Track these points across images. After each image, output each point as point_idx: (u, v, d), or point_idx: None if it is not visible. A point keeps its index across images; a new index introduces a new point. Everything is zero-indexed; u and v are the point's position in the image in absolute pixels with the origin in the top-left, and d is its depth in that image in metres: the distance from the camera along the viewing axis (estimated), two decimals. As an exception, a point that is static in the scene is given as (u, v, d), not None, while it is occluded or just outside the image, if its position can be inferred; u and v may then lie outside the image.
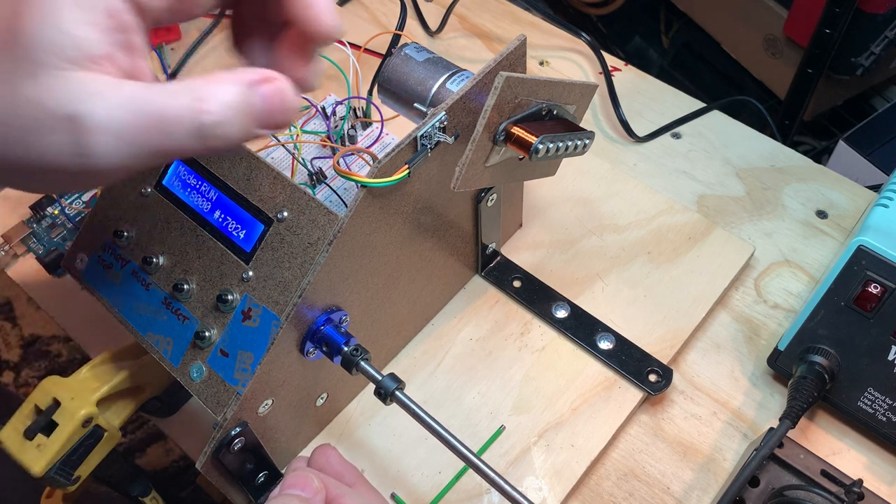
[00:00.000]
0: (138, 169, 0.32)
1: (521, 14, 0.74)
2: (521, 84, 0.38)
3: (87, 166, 0.28)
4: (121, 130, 0.28)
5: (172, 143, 0.29)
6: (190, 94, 0.29)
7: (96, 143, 0.28)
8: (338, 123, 0.59)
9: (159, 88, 0.29)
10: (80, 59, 0.28)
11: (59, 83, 0.28)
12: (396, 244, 0.43)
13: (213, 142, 0.29)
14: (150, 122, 0.28)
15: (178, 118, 0.29)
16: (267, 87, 0.30)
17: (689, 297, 0.52)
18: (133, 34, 0.30)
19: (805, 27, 0.92)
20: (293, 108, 0.31)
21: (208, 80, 0.30)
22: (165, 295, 0.43)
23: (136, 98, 0.28)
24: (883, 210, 0.45)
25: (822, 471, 0.42)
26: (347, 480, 0.40)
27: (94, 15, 0.28)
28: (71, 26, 0.28)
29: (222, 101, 0.29)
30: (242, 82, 0.30)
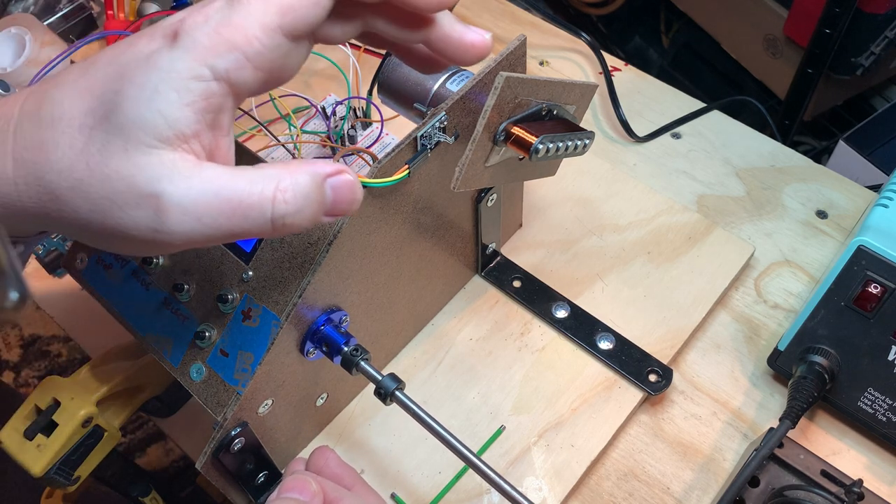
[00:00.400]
0: (209, 245, 0.34)
1: (521, 14, 0.74)
2: (521, 84, 0.38)
3: (161, 241, 0.30)
4: (199, 213, 0.29)
5: (246, 227, 0.30)
6: (271, 183, 0.30)
7: (174, 222, 0.29)
8: (338, 123, 0.59)
9: (241, 175, 0.30)
10: (171, 139, 0.29)
11: (149, 161, 0.29)
12: (396, 244, 0.43)
13: (283, 229, 0.31)
14: (229, 207, 0.29)
15: (256, 206, 0.30)
16: (338, 179, 0.32)
17: (689, 297, 0.52)
18: (222, 114, 0.31)
19: (805, 27, 0.92)
20: (359, 199, 0.33)
21: (288, 169, 0.31)
22: (165, 295, 0.43)
23: (218, 182, 0.30)
24: (883, 210, 0.45)
25: (822, 471, 0.42)
26: (346, 483, 0.40)
27: (191, 97, 0.29)
28: (170, 109, 0.29)
29: (299, 193, 0.30)
30: (318, 175, 0.31)
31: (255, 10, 0.30)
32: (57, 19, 0.66)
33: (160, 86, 0.29)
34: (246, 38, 0.30)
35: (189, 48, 0.29)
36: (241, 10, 0.30)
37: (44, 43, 0.56)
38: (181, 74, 0.29)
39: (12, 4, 0.66)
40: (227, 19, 0.30)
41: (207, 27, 0.30)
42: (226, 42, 0.29)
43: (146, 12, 0.66)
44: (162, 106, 0.29)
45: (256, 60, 0.30)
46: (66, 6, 0.66)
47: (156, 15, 0.65)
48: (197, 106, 0.30)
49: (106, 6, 0.66)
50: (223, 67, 0.30)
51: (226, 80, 0.30)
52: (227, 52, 0.30)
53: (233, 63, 0.30)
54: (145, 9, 0.66)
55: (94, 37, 0.65)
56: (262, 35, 0.30)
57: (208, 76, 0.30)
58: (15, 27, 0.55)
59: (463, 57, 0.35)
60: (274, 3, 0.30)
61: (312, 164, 0.32)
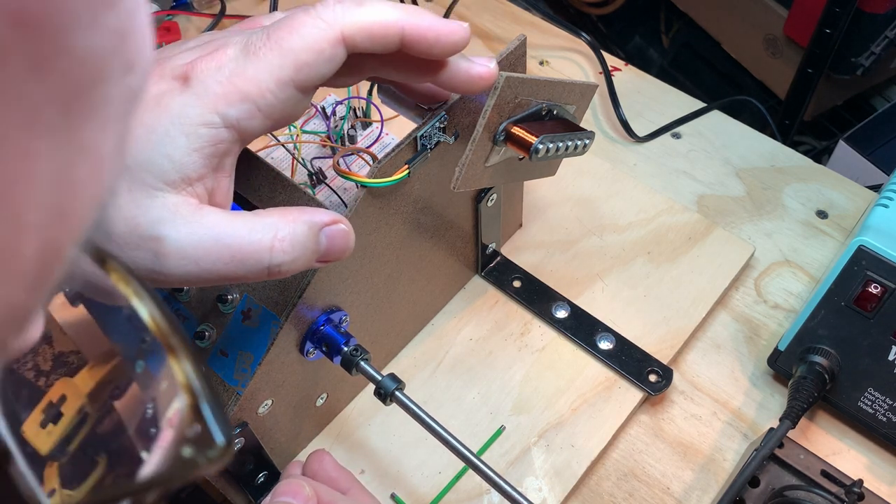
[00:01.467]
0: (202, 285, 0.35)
1: (521, 14, 0.74)
2: (521, 84, 0.38)
3: (157, 280, 0.30)
4: (198, 257, 0.30)
5: (241, 273, 0.30)
6: (270, 232, 0.30)
7: (173, 265, 0.29)
8: (338, 123, 0.59)
9: (241, 222, 0.30)
10: (176, 182, 0.30)
11: (153, 204, 0.29)
12: (396, 244, 0.43)
13: (276, 274, 0.31)
14: (228, 253, 0.30)
15: (254, 254, 0.30)
16: (334, 229, 0.33)
17: (690, 298, 0.52)
18: (227, 157, 0.31)
19: (805, 27, 0.92)
20: (351, 247, 0.34)
21: (286, 218, 0.31)
22: (165, 295, 0.43)
23: (218, 229, 0.30)
24: (883, 210, 0.45)
25: (822, 471, 0.42)
26: (341, 486, 0.40)
27: (200, 143, 0.30)
28: (178, 153, 0.29)
29: (297, 243, 0.31)
30: (315, 224, 0.32)
31: (271, 63, 0.30)
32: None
33: (170, 130, 0.29)
34: (259, 90, 0.30)
35: (201, 95, 0.30)
36: (257, 63, 0.30)
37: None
38: (192, 120, 0.29)
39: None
40: (242, 70, 0.30)
41: (220, 75, 0.30)
42: (238, 92, 0.30)
43: (146, 12, 0.65)
44: (171, 150, 0.29)
45: (267, 111, 0.30)
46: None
47: (155, 15, 0.65)
48: (205, 151, 0.30)
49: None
50: (234, 116, 0.30)
51: (236, 127, 0.30)
52: (239, 101, 0.30)
53: (244, 113, 0.30)
54: (145, 9, 0.66)
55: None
56: (275, 88, 0.30)
57: (219, 123, 0.30)
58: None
59: (471, 89, 0.35)
60: (290, 58, 0.30)
61: (310, 212, 0.32)
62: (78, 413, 0.18)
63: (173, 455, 0.13)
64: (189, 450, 0.13)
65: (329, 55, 0.31)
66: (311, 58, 0.30)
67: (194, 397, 0.13)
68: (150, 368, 0.14)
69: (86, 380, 0.18)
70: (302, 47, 0.30)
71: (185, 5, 0.70)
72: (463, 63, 0.35)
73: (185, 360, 0.14)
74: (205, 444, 0.13)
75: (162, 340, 0.14)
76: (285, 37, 0.30)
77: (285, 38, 0.30)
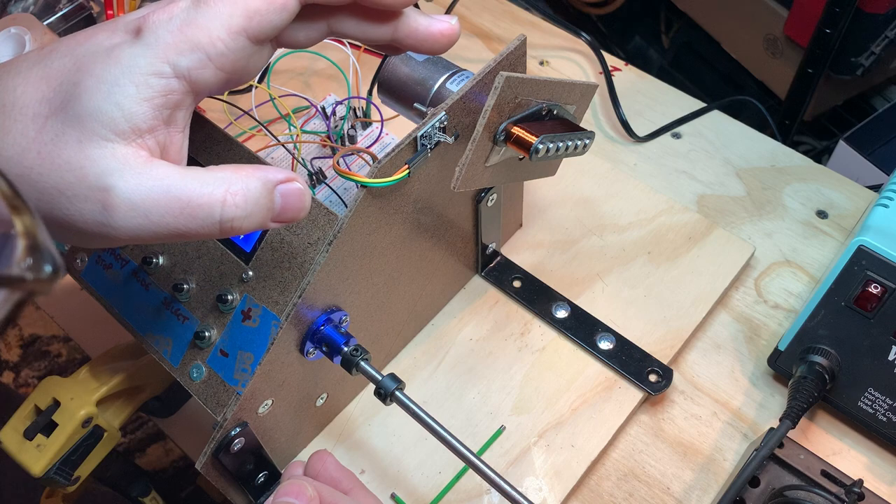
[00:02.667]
0: (156, 242, 0.34)
1: (521, 14, 0.74)
2: (521, 84, 0.38)
3: (108, 234, 0.29)
4: (147, 209, 0.29)
5: (193, 228, 0.30)
6: (222, 186, 0.30)
7: (122, 217, 0.29)
8: (338, 123, 0.59)
9: (192, 175, 0.30)
10: (126, 133, 0.29)
11: (102, 154, 0.29)
12: (396, 244, 0.43)
13: (229, 231, 0.31)
14: (178, 206, 0.29)
15: (206, 207, 0.30)
16: (288, 187, 0.32)
17: (690, 297, 0.52)
18: (179, 111, 0.31)
19: (805, 27, 0.92)
20: (307, 207, 0.33)
21: (239, 173, 0.31)
22: (165, 295, 0.43)
23: (168, 181, 0.30)
24: (883, 210, 0.45)
25: (822, 471, 0.42)
26: (343, 487, 0.40)
27: (150, 92, 0.30)
28: (128, 102, 0.29)
29: (249, 198, 0.31)
30: (269, 181, 0.31)
31: (221, 12, 0.30)
32: (56, 19, 0.65)
33: (120, 79, 0.29)
34: (210, 38, 0.30)
35: (151, 44, 0.30)
36: (207, 11, 0.30)
37: (43, 43, 0.56)
38: (142, 70, 0.29)
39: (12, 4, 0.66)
40: (192, 19, 0.30)
41: (171, 25, 0.30)
42: (189, 41, 0.30)
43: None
44: (120, 99, 0.29)
45: (219, 61, 0.30)
46: (65, 6, 0.66)
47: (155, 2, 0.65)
48: (155, 102, 0.30)
49: (106, 6, 0.66)
50: (185, 66, 0.30)
51: (186, 78, 0.30)
52: (189, 50, 0.30)
53: (195, 62, 0.30)
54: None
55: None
56: (226, 37, 0.30)
57: (169, 73, 0.30)
58: (14, 27, 0.55)
59: (433, 47, 0.35)
60: (240, 6, 0.30)
61: (264, 169, 0.32)
62: None
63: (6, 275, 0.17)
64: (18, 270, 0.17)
65: (280, 4, 0.30)
66: (262, 6, 0.30)
67: (30, 240, 0.18)
68: None
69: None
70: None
71: None
72: (423, 20, 0.34)
73: (25, 215, 0.18)
74: (35, 270, 0.17)
75: (6, 202, 0.18)
76: None
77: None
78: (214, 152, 0.43)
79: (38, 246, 0.18)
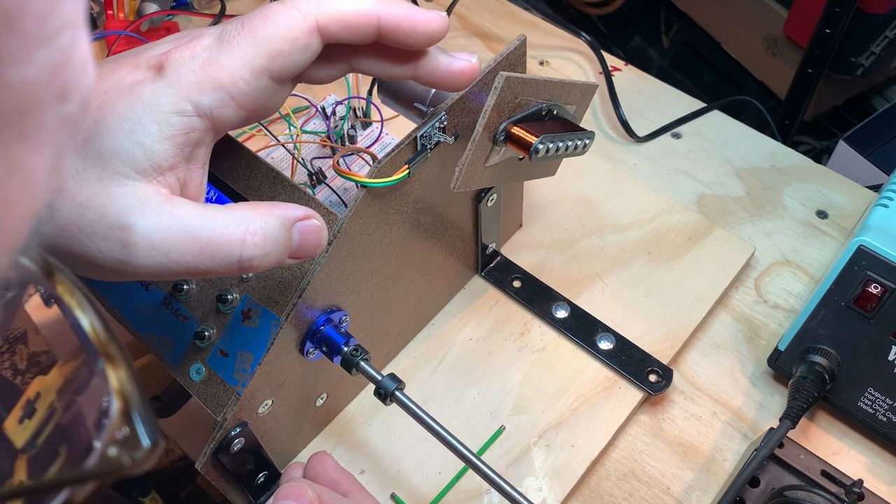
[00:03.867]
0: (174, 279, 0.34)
1: (521, 14, 0.74)
2: (521, 84, 0.38)
3: (126, 271, 0.29)
4: (167, 248, 0.29)
5: (212, 266, 0.30)
6: (241, 225, 0.30)
7: (141, 255, 0.29)
8: (338, 123, 0.59)
9: (212, 214, 0.30)
10: (147, 171, 0.29)
11: (122, 192, 0.29)
12: (396, 244, 0.43)
13: (248, 269, 0.31)
14: (198, 245, 0.29)
15: (225, 247, 0.30)
16: (306, 224, 0.32)
17: (690, 297, 0.52)
18: (200, 147, 0.31)
19: (805, 27, 0.92)
20: (324, 244, 0.33)
21: (258, 212, 0.31)
22: (165, 295, 0.43)
23: (188, 220, 0.30)
24: (883, 210, 0.45)
25: (822, 471, 0.42)
26: (343, 489, 0.40)
27: (172, 131, 0.29)
28: (149, 141, 0.29)
29: (268, 237, 0.31)
30: (287, 219, 0.32)
31: (245, 52, 0.30)
32: (57, 19, 0.65)
33: (142, 118, 0.29)
34: (232, 78, 0.30)
35: (174, 83, 0.29)
36: (231, 51, 0.30)
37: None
38: (164, 108, 0.29)
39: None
40: (215, 58, 0.30)
41: (194, 63, 0.30)
42: (211, 80, 0.30)
43: (146, 12, 0.66)
44: (142, 137, 0.29)
45: (240, 100, 0.30)
46: (65, 6, 0.66)
47: (155, 15, 0.65)
48: (177, 140, 0.30)
49: (106, 6, 0.66)
50: (207, 104, 0.30)
51: (208, 116, 0.30)
52: (212, 90, 0.30)
53: (217, 101, 0.30)
54: (145, 9, 0.66)
55: (94, 36, 0.65)
56: (248, 77, 0.30)
57: (191, 112, 0.30)
58: (15, 27, 0.55)
59: (452, 85, 0.35)
60: (264, 47, 0.30)
61: (282, 207, 0.32)
62: (48, 408, 0.18)
63: (102, 454, 0.14)
64: (115, 450, 0.14)
65: (303, 44, 0.30)
66: (285, 46, 0.30)
67: (126, 403, 0.15)
68: None
69: (56, 377, 0.19)
70: (276, 36, 0.30)
71: (185, 5, 0.70)
72: (443, 58, 0.34)
73: (119, 367, 0.15)
74: (132, 445, 0.14)
75: (100, 349, 0.15)
76: (259, 25, 0.30)
77: (259, 27, 0.30)
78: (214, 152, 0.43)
79: (132, 410, 0.14)
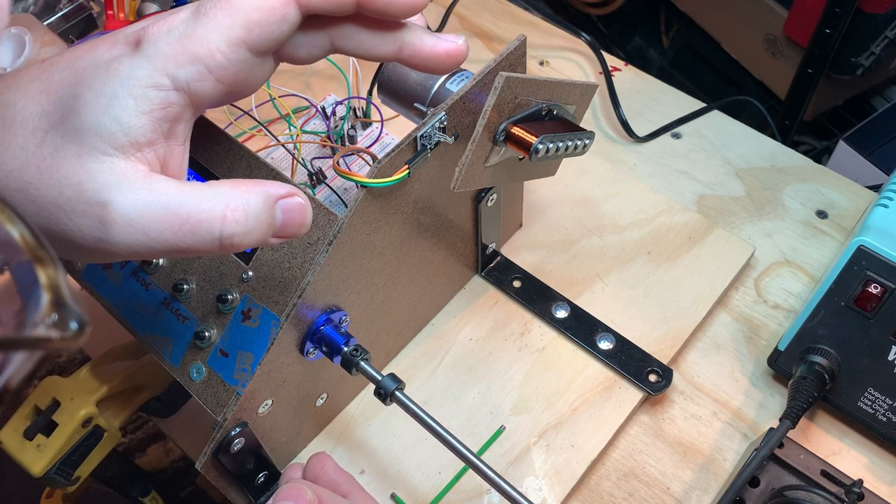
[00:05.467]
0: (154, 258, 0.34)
1: (521, 14, 0.74)
2: (521, 84, 0.38)
3: (105, 249, 0.29)
4: (145, 225, 0.29)
5: (192, 244, 0.30)
6: (222, 202, 0.30)
7: (119, 233, 0.29)
8: (338, 123, 0.59)
9: (191, 190, 0.30)
10: (125, 147, 0.29)
11: (100, 168, 0.29)
12: (396, 244, 0.43)
13: (229, 247, 0.30)
14: (177, 222, 0.29)
15: (205, 223, 0.29)
16: (290, 202, 0.32)
17: (690, 298, 0.52)
18: (179, 123, 0.31)
19: (805, 27, 0.92)
20: (308, 223, 0.33)
21: (239, 188, 0.30)
22: (165, 295, 0.43)
23: (167, 196, 0.29)
24: (883, 210, 0.45)
25: (822, 471, 0.42)
26: (343, 490, 0.40)
27: (149, 105, 0.29)
28: (126, 116, 0.29)
29: (250, 214, 0.30)
30: (270, 196, 0.31)
31: (221, 23, 0.29)
32: (57, 19, 0.65)
33: (119, 92, 0.29)
34: (209, 50, 0.29)
35: (150, 56, 0.29)
36: (207, 23, 0.29)
37: (44, 43, 0.56)
38: (140, 82, 0.29)
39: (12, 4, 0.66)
40: (192, 31, 0.30)
41: (171, 37, 0.29)
42: (188, 53, 0.29)
43: (146, 12, 0.66)
44: (118, 112, 0.29)
45: (218, 73, 0.30)
46: (65, 6, 0.66)
47: (155, 14, 0.65)
48: (154, 115, 0.29)
49: (106, 6, 0.66)
50: (184, 78, 0.29)
51: (186, 90, 0.30)
52: (188, 63, 0.29)
53: (194, 74, 0.30)
54: (145, 9, 0.66)
55: (94, 37, 0.65)
56: (225, 49, 0.30)
57: (168, 85, 0.29)
58: (15, 27, 0.55)
59: (437, 67, 0.34)
60: (240, 18, 0.29)
61: (265, 184, 0.31)
62: None
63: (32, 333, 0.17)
64: (44, 329, 0.17)
65: (280, 14, 0.30)
66: (262, 17, 0.30)
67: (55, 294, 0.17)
68: None
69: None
70: (252, 6, 0.30)
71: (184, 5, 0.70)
72: (429, 39, 0.34)
73: (49, 267, 0.17)
74: (61, 328, 0.17)
75: (30, 253, 0.17)
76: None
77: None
78: (214, 152, 0.43)
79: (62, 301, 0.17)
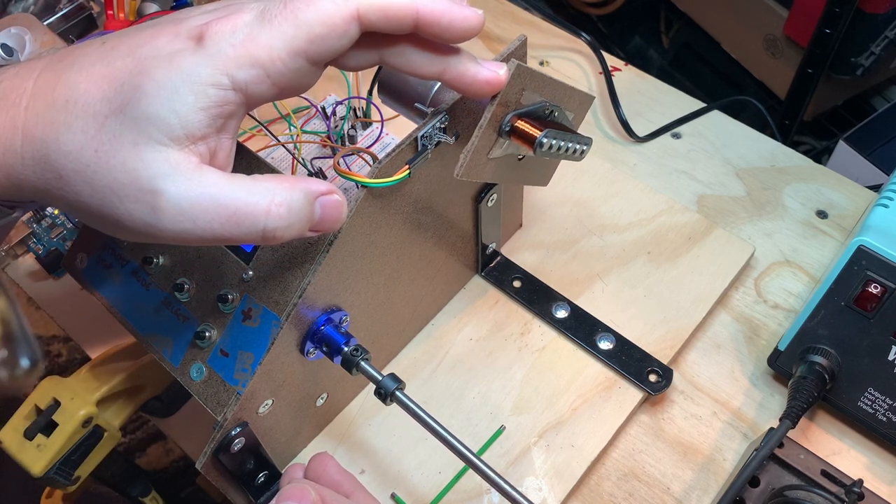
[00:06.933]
0: (198, 245, 0.36)
1: (521, 14, 0.74)
2: (530, 76, 0.38)
3: (153, 234, 0.31)
4: (195, 215, 0.30)
5: (237, 234, 0.31)
6: (267, 196, 0.31)
7: (169, 220, 0.30)
8: (338, 123, 0.59)
9: (239, 184, 0.31)
10: (181, 139, 0.30)
11: (155, 157, 0.30)
12: (396, 244, 0.43)
13: (271, 239, 0.32)
14: (225, 213, 0.31)
15: (251, 216, 0.31)
16: (328, 199, 0.33)
17: (690, 297, 0.52)
18: (232, 119, 0.32)
19: (805, 27, 0.92)
20: (343, 218, 0.35)
21: (283, 185, 0.32)
22: (165, 295, 0.43)
23: (217, 188, 0.31)
24: (883, 210, 0.45)
25: (822, 471, 0.42)
26: (345, 490, 0.40)
27: (207, 102, 0.30)
28: (185, 110, 0.30)
29: (293, 209, 0.32)
30: (311, 193, 0.33)
31: (285, 33, 0.31)
32: (57, 19, 0.65)
33: (180, 87, 0.30)
34: (270, 57, 0.31)
35: (213, 55, 0.30)
36: (271, 30, 0.31)
37: (44, 43, 0.56)
38: (202, 79, 0.30)
39: (12, 4, 0.66)
40: (255, 35, 0.31)
41: (234, 38, 0.31)
42: (250, 56, 0.30)
43: (146, 12, 0.66)
44: (178, 106, 0.30)
45: (276, 78, 0.31)
46: (65, 6, 0.66)
47: (155, 15, 0.65)
48: (211, 111, 0.31)
49: (106, 6, 0.66)
50: (243, 79, 0.31)
51: (243, 90, 0.31)
52: (249, 66, 0.30)
53: (253, 77, 0.31)
54: (145, 9, 0.66)
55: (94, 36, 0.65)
56: (286, 57, 0.31)
57: (227, 85, 0.30)
58: (15, 27, 0.55)
59: (476, 93, 0.36)
60: (304, 30, 0.31)
61: (307, 181, 0.33)
62: None
63: None
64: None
65: (342, 31, 0.31)
66: (325, 31, 0.31)
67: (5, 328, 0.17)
68: None
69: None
70: (317, 20, 0.31)
71: (184, 5, 0.71)
72: (472, 66, 0.35)
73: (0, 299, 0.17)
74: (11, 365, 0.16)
75: None
76: (302, 8, 0.31)
77: (301, 10, 0.31)
78: None
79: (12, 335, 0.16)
